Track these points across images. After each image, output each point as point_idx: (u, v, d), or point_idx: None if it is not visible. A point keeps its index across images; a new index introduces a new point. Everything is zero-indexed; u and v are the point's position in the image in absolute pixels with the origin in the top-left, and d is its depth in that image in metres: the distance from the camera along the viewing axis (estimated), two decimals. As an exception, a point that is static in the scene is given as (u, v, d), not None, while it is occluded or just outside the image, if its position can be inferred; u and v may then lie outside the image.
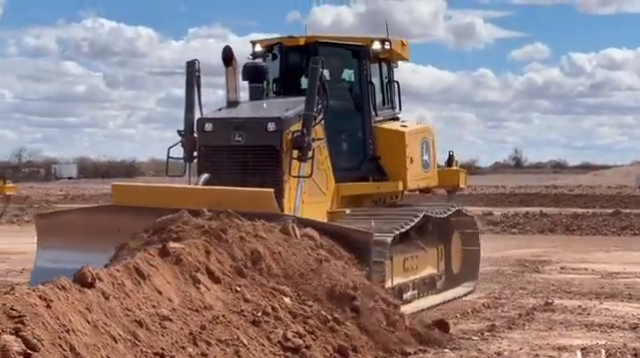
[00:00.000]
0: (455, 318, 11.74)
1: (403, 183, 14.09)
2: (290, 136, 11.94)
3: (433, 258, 13.85)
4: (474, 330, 10.84)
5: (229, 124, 12.22)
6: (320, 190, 12.81)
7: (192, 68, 12.50)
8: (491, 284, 15.46)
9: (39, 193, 52.28)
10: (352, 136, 14.07)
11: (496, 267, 18.07)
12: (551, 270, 17.88)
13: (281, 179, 11.91)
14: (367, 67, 14.02)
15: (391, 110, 14.79)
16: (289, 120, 12.09)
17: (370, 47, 14.01)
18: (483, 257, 15.45)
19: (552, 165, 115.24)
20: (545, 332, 10.86)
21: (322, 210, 12.76)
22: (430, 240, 13.79)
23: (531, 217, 32.81)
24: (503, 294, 14.28)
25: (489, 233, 27.41)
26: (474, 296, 14.03)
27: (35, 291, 6.37)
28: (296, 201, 11.81)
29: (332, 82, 13.41)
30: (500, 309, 12.76)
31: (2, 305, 6.03)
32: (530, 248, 22.72)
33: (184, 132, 12.41)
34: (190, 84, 12.51)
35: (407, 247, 12.97)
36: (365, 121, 13.98)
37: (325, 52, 13.41)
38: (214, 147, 12.22)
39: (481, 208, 36.22)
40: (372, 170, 14.04)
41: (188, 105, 12.50)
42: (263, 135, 11.99)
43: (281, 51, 13.98)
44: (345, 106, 13.97)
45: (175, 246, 8.46)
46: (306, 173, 11.95)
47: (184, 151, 12.40)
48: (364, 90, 13.99)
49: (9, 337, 5.70)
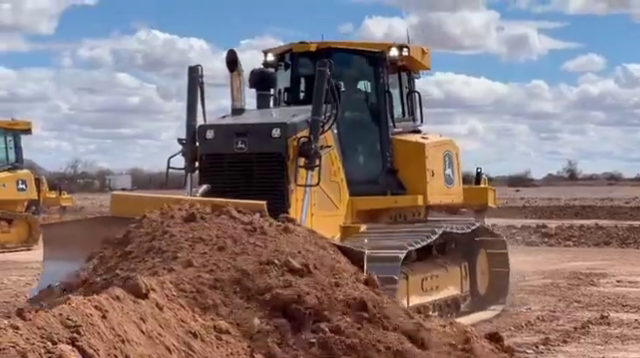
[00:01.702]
0: (509, 331, 11.65)
1: (423, 198, 13.23)
2: (296, 143, 11.27)
3: (456, 278, 13.13)
4: (528, 343, 10.74)
5: (231, 131, 11.53)
6: (332, 203, 12.16)
7: (195, 73, 12.00)
8: (546, 297, 15.28)
9: (94, 204, 52.58)
10: (369, 148, 13.40)
11: (550, 280, 17.87)
12: (607, 283, 17.60)
13: (287, 189, 11.23)
14: (384, 75, 13.29)
15: (411, 122, 14.07)
16: (295, 126, 11.42)
17: (387, 54, 13.27)
18: (538, 270, 15.19)
19: (607, 177, 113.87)
20: (601, 346, 10.77)
21: (334, 224, 12.09)
22: (453, 258, 13.13)
23: (586, 230, 32.03)
24: (558, 307, 14.14)
25: (544, 245, 27.32)
26: (528, 309, 13.85)
27: (91, 301, 6.42)
28: (303, 212, 11.11)
29: (347, 91, 12.79)
30: (555, 322, 12.65)
31: (59, 315, 6.09)
32: (585, 261, 22.31)
33: (185, 141, 11.86)
34: (193, 90, 11.98)
35: (426, 265, 12.32)
36: (382, 132, 13.27)
37: (339, 59, 12.70)
38: (216, 155, 11.55)
39: (535, 220, 36.07)
40: (390, 184, 13.29)
41: (190, 112, 11.95)
42: (267, 142, 11.32)
43: (292, 58, 13.35)
44: (361, 117, 13.38)
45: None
46: (313, 182, 11.28)
47: (185, 161, 11.86)
48: (381, 99, 13.27)
49: (66, 347, 5.75)
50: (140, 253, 8.17)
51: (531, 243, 28.03)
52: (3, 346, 5.60)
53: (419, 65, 14.11)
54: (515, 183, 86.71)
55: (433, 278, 12.40)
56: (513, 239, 28.34)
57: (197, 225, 8.45)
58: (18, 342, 5.68)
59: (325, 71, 11.47)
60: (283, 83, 13.45)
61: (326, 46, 13.21)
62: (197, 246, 8.08)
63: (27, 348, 5.63)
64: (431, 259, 12.64)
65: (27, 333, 5.80)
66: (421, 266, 12.19)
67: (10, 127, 26.34)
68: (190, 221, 8.53)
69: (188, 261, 7.75)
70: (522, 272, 17.91)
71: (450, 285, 12.90)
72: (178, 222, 8.57)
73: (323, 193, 11.89)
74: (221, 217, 8.66)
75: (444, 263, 12.95)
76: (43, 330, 5.88)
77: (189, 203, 9.15)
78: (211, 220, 8.58)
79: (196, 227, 8.41)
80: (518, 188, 76.54)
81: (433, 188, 13.46)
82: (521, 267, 18.24)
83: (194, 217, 8.57)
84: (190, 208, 8.84)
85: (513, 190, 73.51)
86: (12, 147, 26.19)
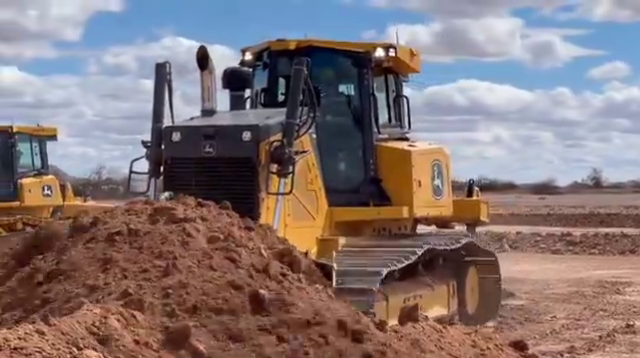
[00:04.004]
0: (534, 339, 11.63)
1: (409, 209, 12.27)
2: (268, 147, 10.42)
3: (442, 297, 12.32)
4: (553, 352, 10.82)
5: (199, 133, 10.64)
6: (308, 213, 11.26)
7: (162, 70, 11.09)
8: (571, 305, 15.32)
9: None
10: (350, 155, 12.58)
11: (576, 288, 17.81)
12: (632, 292, 17.44)
13: (257, 197, 10.37)
14: (369, 77, 12.37)
15: (398, 129, 13.11)
16: (268, 129, 10.56)
17: (372, 54, 12.34)
18: (563, 278, 14.90)
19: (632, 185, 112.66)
20: (626, 354, 10.82)
21: (310, 236, 11.18)
22: (440, 276, 12.30)
23: (611, 238, 31.31)
24: (583, 315, 14.17)
25: (568, 253, 27.47)
26: (553, 317, 13.97)
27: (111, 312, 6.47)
28: (274, 222, 10.23)
29: (329, 93, 12.04)
30: (580, 330, 12.70)
31: (84, 322, 6.20)
32: (610, 269, 22.02)
33: (150, 143, 10.99)
34: (160, 89, 11.07)
35: (410, 285, 11.53)
36: (366, 138, 12.37)
37: (320, 58, 11.95)
38: (181, 159, 10.67)
39: (560, 228, 36.00)
40: (373, 194, 12.35)
41: (156, 113, 11.06)
42: (237, 145, 10.44)
43: (270, 57, 12.44)
44: (343, 121, 12.55)
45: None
46: (286, 190, 10.44)
47: (149, 164, 10.97)
48: (365, 103, 12.37)
49: (91, 352, 5.91)
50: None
51: (556, 251, 28.15)
52: (29, 351, 5.71)
53: (407, 68, 13.15)
54: (540, 191, 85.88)
55: (417, 298, 11.45)
56: (537, 247, 29.04)
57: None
58: (44, 347, 5.76)
59: (302, 70, 10.60)
60: (261, 84, 12.58)
61: (307, 44, 12.33)
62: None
63: (53, 354, 5.73)
64: (415, 277, 11.81)
65: (53, 338, 5.88)
66: (404, 286, 11.39)
67: (36, 133, 26.20)
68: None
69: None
70: (547, 280, 18.26)
71: (436, 305, 12.01)
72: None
73: (298, 202, 11.03)
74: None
75: (430, 281, 12.09)
76: (68, 336, 5.97)
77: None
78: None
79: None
80: (543, 196, 75.69)
81: (420, 199, 12.53)
82: (546, 275, 18.94)
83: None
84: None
85: (538, 198, 72.80)
86: (37, 153, 26.06)
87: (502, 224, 37.88)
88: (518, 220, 41.38)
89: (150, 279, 7.06)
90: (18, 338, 5.81)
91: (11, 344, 5.73)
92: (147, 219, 7.93)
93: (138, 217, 7.99)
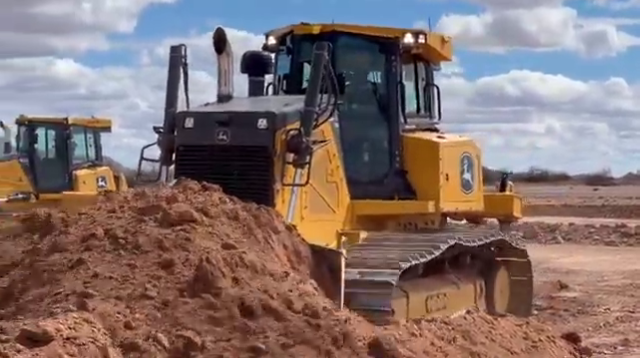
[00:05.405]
0: (587, 332, 11.72)
1: (435, 203, 11.66)
2: (285, 136, 9.90)
3: (468, 296, 11.71)
4: (607, 344, 10.91)
5: (213, 119, 10.14)
6: (328, 206, 10.72)
7: (177, 53, 10.61)
8: (625, 298, 15.32)
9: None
10: (374, 145, 11.99)
11: (630, 280, 17.71)
12: None
13: (271, 188, 9.83)
14: (396, 64, 11.77)
15: (428, 119, 12.51)
16: (285, 117, 10.02)
17: (401, 40, 11.74)
18: (617, 270, 15.57)
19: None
20: None
21: (330, 230, 10.64)
22: (467, 274, 11.73)
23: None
24: (637, 308, 14.21)
25: (623, 245, 27.33)
26: (607, 309, 14.08)
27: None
28: (289, 215, 9.77)
29: (353, 80, 11.49)
30: (634, 323, 12.75)
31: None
32: None
33: (162, 129, 10.51)
34: (174, 73, 10.58)
35: (434, 281, 10.97)
36: (392, 128, 11.78)
37: (345, 44, 11.44)
38: (194, 147, 10.18)
39: (614, 220, 35.94)
40: (398, 187, 11.79)
41: (169, 97, 10.55)
42: (252, 133, 9.91)
43: (293, 41, 11.85)
44: (368, 110, 11.97)
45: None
46: (302, 181, 9.93)
47: (160, 151, 10.51)
48: (391, 91, 11.76)
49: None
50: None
51: (610, 243, 28.01)
52: (82, 341, 5.67)
53: (438, 55, 12.51)
54: (594, 182, 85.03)
55: (440, 297, 10.99)
56: (591, 239, 29.05)
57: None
58: (96, 337, 5.79)
59: (322, 55, 10.03)
60: (284, 69, 12.03)
61: (331, 29, 11.71)
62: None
63: (107, 343, 5.75)
64: (441, 274, 11.21)
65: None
66: (427, 282, 10.79)
67: (90, 125, 26.85)
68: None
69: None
70: (601, 272, 18.19)
71: (461, 305, 11.29)
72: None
73: (317, 194, 10.48)
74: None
75: (456, 279, 11.50)
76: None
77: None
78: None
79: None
80: (597, 187, 74.77)
81: (447, 193, 11.90)
82: (600, 267, 18.92)
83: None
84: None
85: (591, 189, 72.23)
86: (92, 145, 26.75)
87: (555, 215, 37.59)
88: (571, 211, 41.49)
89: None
90: (69, 328, 5.78)
91: (63, 334, 5.70)
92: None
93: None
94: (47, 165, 25.74)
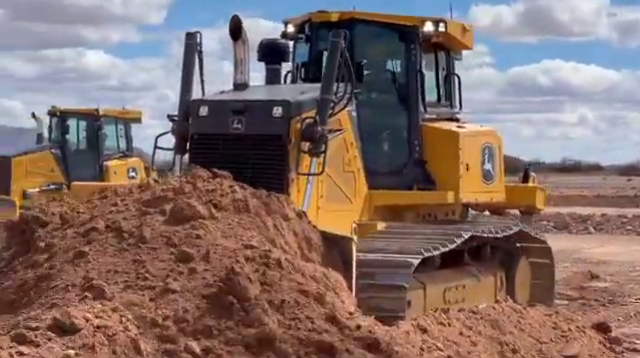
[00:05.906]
0: (617, 321, 11.82)
1: (454, 194, 11.48)
2: (300, 125, 9.73)
3: (488, 289, 11.53)
4: (637, 334, 10.95)
5: (227, 108, 10.00)
6: (345, 196, 10.58)
7: (193, 41, 10.50)
8: None
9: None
10: (393, 135, 11.82)
11: None
12: None
13: (286, 177, 9.66)
14: (416, 53, 11.60)
15: (448, 108, 12.34)
16: (300, 105, 9.85)
17: (420, 29, 11.61)
18: None
19: None
20: None
21: (346, 220, 10.36)
22: (487, 266, 11.58)
23: None
24: None
25: None
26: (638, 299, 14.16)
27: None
28: (304, 205, 9.61)
29: (372, 68, 11.32)
30: None
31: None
32: None
33: (177, 117, 10.40)
34: (189, 60, 10.48)
35: (453, 273, 10.81)
36: (411, 118, 11.62)
37: (363, 32, 11.30)
38: (208, 135, 10.05)
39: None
40: (418, 177, 11.64)
41: (184, 85, 10.44)
42: (267, 122, 9.77)
43: (311, 29, 11.72)
44: (387, 99, 11.82)
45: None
46: (317, 170, 9.78)
47: (175, 140, 10.40)
48: (411, 80, 11.60)
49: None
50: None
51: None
52: (113, 332, 5.59)
53: (459, 44, 12.33)
54: (627, 172, 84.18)
55: (459, 289, 10.81)
56: (624, 229, 29.18)
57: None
58: (128, 327, 5.73)
59: (339, 42, 9.88)
60: (302, 57, 11.92)
61: (349, 16, 11.59)
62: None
63: (138, 334, 5.70)
64: (461, 266, 11.06)
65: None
66: (445, 274, 10.63)
67: (121, 116, 26.92)
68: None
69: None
70: (632, 262, 18.22)
71: (480, 297, 11.12)
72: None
73: (333, 184, 10.33)
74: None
75: (476, 271, 11.34)
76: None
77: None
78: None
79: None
80: (630, 177, 74.11)
81: (467, 184, 11.70)
82: (632, 257, 18.93)
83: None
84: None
85: (625, 179, 71.58)
86: (123, 136, 26.79)
87: (587, 206, 37.37)
88: (604, 202, 41.23)
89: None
90: (96, 317, 5.76)
91: (93, 323, 5.67)
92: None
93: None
94: (78, 156, 25.87)
